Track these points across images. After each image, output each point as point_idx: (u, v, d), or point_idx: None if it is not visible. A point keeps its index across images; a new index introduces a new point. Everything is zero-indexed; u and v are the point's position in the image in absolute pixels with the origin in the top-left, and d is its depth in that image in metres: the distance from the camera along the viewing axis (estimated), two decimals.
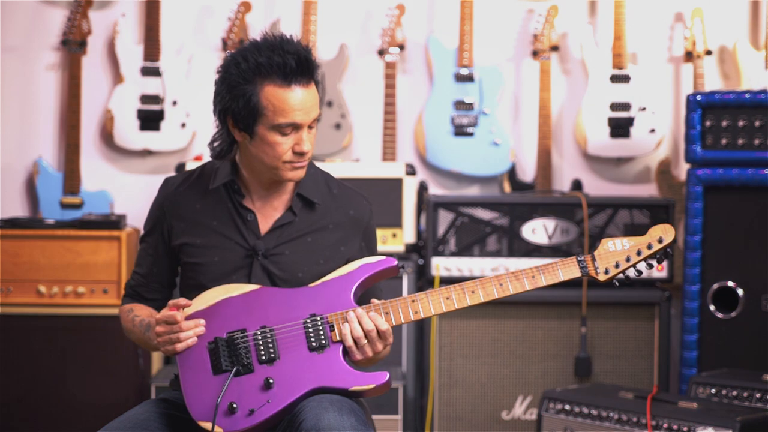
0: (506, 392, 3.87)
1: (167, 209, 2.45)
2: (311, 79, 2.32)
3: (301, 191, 2.42)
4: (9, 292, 3.91)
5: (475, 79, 4.39)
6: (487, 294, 2.32)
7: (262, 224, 2.42)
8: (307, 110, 2.31)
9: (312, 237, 2.42)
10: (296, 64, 2.28)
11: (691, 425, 3.10)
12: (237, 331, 2.30)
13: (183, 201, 2.45)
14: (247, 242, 2.40)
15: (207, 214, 2.43)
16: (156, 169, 4.44)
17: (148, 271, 2.50)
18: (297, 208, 2.42)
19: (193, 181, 2.47)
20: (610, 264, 2.34)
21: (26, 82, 4.43)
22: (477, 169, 4.42)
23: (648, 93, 4.38)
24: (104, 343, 3.87)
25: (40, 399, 3.87)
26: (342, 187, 2.50)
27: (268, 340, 2.29)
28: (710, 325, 3.73)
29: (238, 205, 2.42)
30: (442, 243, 3.92)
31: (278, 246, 2.40)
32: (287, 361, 2.28)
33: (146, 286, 2.51)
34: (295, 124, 2.31)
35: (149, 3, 4.33)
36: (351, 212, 2.46)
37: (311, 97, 2.32)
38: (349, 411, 2.21)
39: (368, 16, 4.49)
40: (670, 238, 2.36)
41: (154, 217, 2.48)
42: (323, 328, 2.30)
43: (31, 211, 4.39)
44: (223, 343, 2.29)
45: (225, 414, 2.24)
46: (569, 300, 3.86)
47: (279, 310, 2.32)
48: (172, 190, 2.47)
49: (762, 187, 3.66)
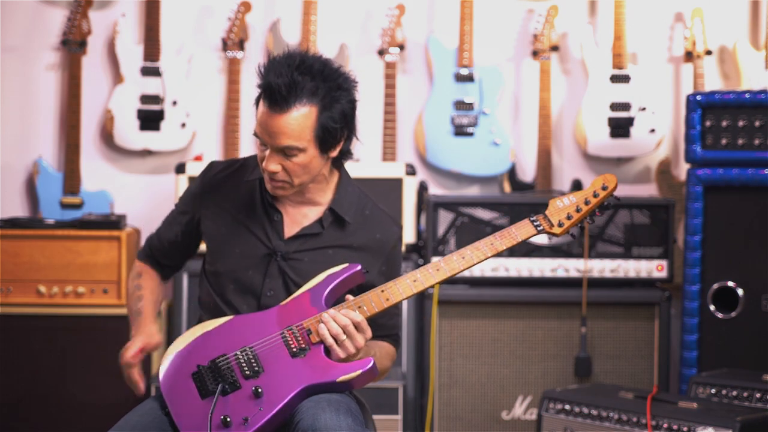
0: (506, 392, 3.87)
1: (204, 192, 2.50)
2: (288, 107, 2.29)
3: (334, 207, 2.45)
4: (9, 292, 3.91)
5: (475, 79, 4.39)
6: (452, 268, 2.36)
7: (288, 227, 2.45)
8: (270, 134, 2.32)
9: (334, 251, 2.44)
10: (269, 88, 2.30)
11: (691, 425, 3.10)
12: (218, 357, 2.33)
13: (219, 187, 2.49)
14: (270, 241, 2.43)
15: (237, 205, 2.47)
16: (156, 169, 4.44)
17: (172, 240, 2.56)
18: (326, 223, 2.45)
19: (234, 170, 2.52)
20: (561, 217, 2.41)
21: (26, 82, 4.43)
22: (477, 169, 4.42)
23: (648, 93, 4.38)
24: (104, 343, 3.86)
25: (40, 399, 3.87)
26: (374, 209, 2.51)
27: (250, 357, 2.32)
28: (710, 325, 3.73)
29: (268, 204, 2.45)
30: (442, 243, 3.92)
31: (298, 252, 2.43)
32: (272, 371, 2.30)
33: (164, 252, 2.59)
34: (261, 139, 2.35)
35: (149, 3, 4.33)
36: (378, 236, 2.48)
37: (283, 126, 2.30)
38: (346, 411, 2.22)
39: (368, 16, 4.49)
40: (612, 184, 2.44)
41: (192, 195, 2.54)
42: (301, 334, 2.32)
43: (31, 211, 4.39)
44: (206, 368, 2.32)
45: (219, 428, 2.25)
46: (569, 300, 3.86)
47: (255, 331, 2.36)
48: (213, 174, 2.52)
49: (762, 187, 3.66)
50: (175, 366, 2.36)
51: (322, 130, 2.33)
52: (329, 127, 2.33)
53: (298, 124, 2.30)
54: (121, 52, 4.36)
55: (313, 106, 2.31)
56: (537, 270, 3.90)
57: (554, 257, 3.91)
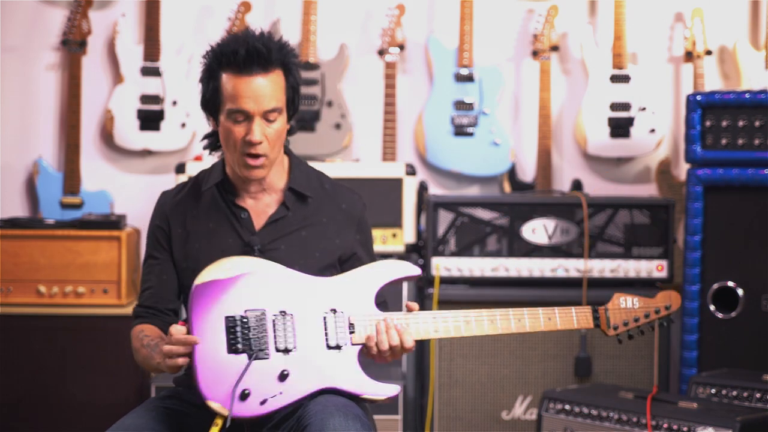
0: (506, 392, 3.87)
1: (168, 218, 2.48)
2: (266, 69, 2.34)
3: (293, 185, 2.45)
4: (9, 292, 3.91)
5: (475, 79, 4.39)
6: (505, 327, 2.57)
7: (256, 221, 2.44)
8: (256, 99, 2.33)
9: (306, 231, 2.44)
10: (246, 54, 2.32)
11: (691, 425, 3.09)
12: (256, 310, 2.28)
13: (181, 209, 2.49)
14: (242, 239, 2.42)
15: (203, 218, 2.46)
16: (156, 169, 4.44)
17: (158, 282, 2.48)
18: (290, 202, 2.45)
19: (187, 189, 2.51)
20: (619, 321, 2.48)
21: (26, 82, 4.43)
22: (477, 169, 4.42)
23: (648, 93, 4.38)
24: (104, 343, 3.87)
25: (40, 399, 3.87)
26: (333, 183, 2.53)
27: (287, 327, 2.28)
28: (710, 325, 3.73)
29: (231, 204, 2.45)
30: (442, 243, 3.91)
31: (273, 241, 2.42)
32: (303, 354, 2.27)
33: (161, 297, 2.48)
34: (244, 111, 2.34)
35: (149, 3, 4.33)
36: (343, 206, 2.49)
37: (265, 87, 2.34)
38: (354, 416, 2.22)
39: (368, 16, 4.49)
40: (676, 306, 2.50)
41: (156, 229, 2.50)
42: (343, 328, 2.31)
43: (31, 211, 4.39)
44: (241, 321, 2.27)
45: (237, 398, 2.22)
46: (569, 300, 3.84)
47: (300, 295, 2.32)
48: (170, 198, 2.51)
49: (762, 187, 3.66)
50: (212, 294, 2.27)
51: (292, 91, 2.40)
52: (296, 88, 2.41)
53: (276, 84, 2.36)
54: (121, 52, 4.36)
55: (280, 69, 2.37)
56: (537, 270, 3.90)
57: (554, 257, 3.91)
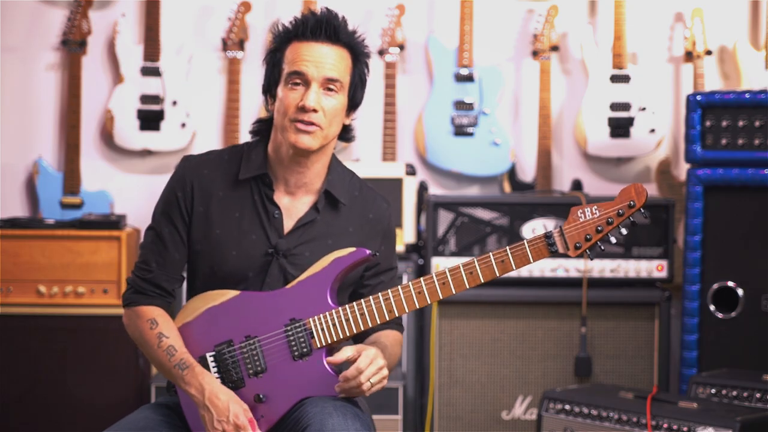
0: (506, 392, 3.87)
1: (190, 190, 2.36)
2: (335, 41, 2.32)
3: (329, 188, 2.38)
4: (9, 292, 3.91)
5: (475, 79, 4.39)
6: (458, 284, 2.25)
7: (286, 222, 2.37)
8: (317, 63, 2.30)
9: (333, 240, 2.38)
10: (315, 21, 2.31)
11: (691, 425, 3.10)
12: (223, 344, 2.32)
13: (207, 184, 2.36)
14: (269, 241, 2.35)
15: (231, 204, 2.36)
16: (156, 169, 4.44)
17: (170, 259, 2.37)
18: (321, 206, 2.38)
19: (220, 164, 2.38)
20: (581, 238, 2.23)
21: (26, 82, 4.43)
22: (477, 169, 4.42)
23: (648, 93, 4.38)
24: (104, 343, 3.87)
25: (40, 399, 3.87)
26: (364, 188, 2.46)
27: (254, 351, 2.30)
28: (710, 325, 3.73)
29: (267, 200, 2.37)
30: (442, 243, 3.92)
31: (298, 246, 2.36)
32: (274, 372, 2.30)
33: (167, 275, 2.38)
34: (301, 73, 2.29)
35: (149, 3, 4.33)
36: (370, 216, 2.44)
37: (329, 55, 2.31)
38: (354, 416, 2.22)
39: (368, 16, 4.49)
40: (641, 200, 2.20)
41: (174, 198, 2.37)
42: (303, 336, 2.29)
43: (31, 211, 4.39)
44: (214, 359, 2.32)
45: None
46: (569, 300, 3.86)
47: (261, 316, 2.32)
48: (196, 170, 2.37)
49: (762, 187, 3.66)
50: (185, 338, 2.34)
51: (358, 78, 2.36)
52: (363, 78, 2.37)
53: (342, 59, 2.33)
54: (121, 52, 4.36)
55: (347, 51, 2.35)
56: (537, 270, 3.90)
57: (554, 257, 3.90)
